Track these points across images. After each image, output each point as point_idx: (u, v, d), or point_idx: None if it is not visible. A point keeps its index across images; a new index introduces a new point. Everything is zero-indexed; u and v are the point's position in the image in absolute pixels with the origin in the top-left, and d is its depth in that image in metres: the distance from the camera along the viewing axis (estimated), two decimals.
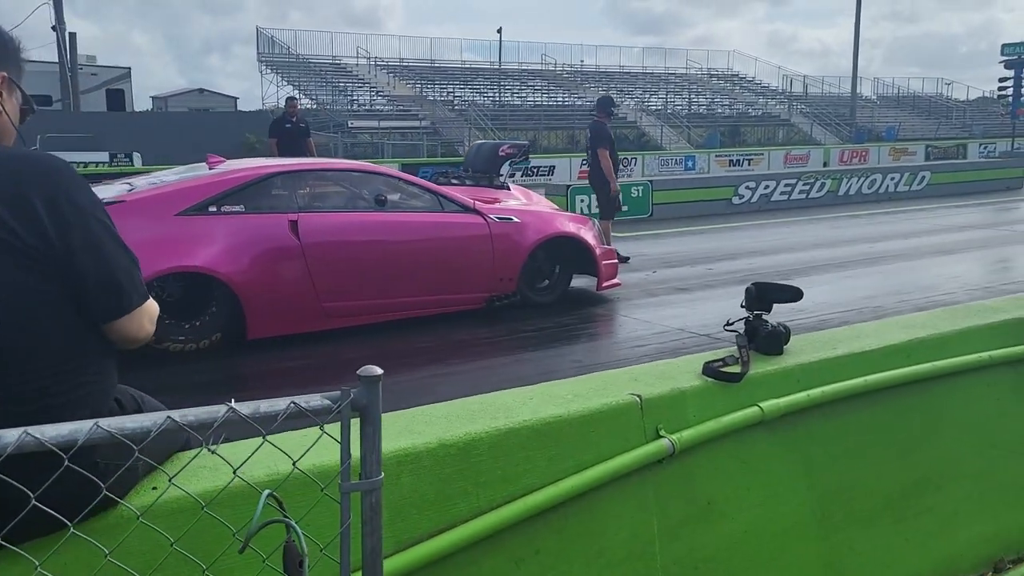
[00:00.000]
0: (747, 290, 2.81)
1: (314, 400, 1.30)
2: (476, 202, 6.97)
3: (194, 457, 1.73)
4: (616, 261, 7.85)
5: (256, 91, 74.24)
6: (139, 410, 1.76)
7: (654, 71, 46.93)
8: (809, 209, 16.00)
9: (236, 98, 47.91)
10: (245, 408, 1.24)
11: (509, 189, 8.78)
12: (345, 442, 1.34)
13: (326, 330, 6.12)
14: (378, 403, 1.35)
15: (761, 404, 2.57)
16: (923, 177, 18.57)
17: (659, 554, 2.37)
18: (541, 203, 8.36)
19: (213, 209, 5.76)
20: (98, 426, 1.14)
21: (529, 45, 57.30)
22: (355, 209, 6.41)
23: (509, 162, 9.58)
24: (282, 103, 14.10)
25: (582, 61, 45.76)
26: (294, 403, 1.26)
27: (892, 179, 18.13)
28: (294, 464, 1.43)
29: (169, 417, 1.18)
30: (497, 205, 7.32)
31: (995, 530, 3.12)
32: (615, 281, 7.63)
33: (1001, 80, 28.51)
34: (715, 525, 2.49)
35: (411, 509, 1.98)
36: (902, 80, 52.80)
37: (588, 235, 7.39)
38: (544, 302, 7.22)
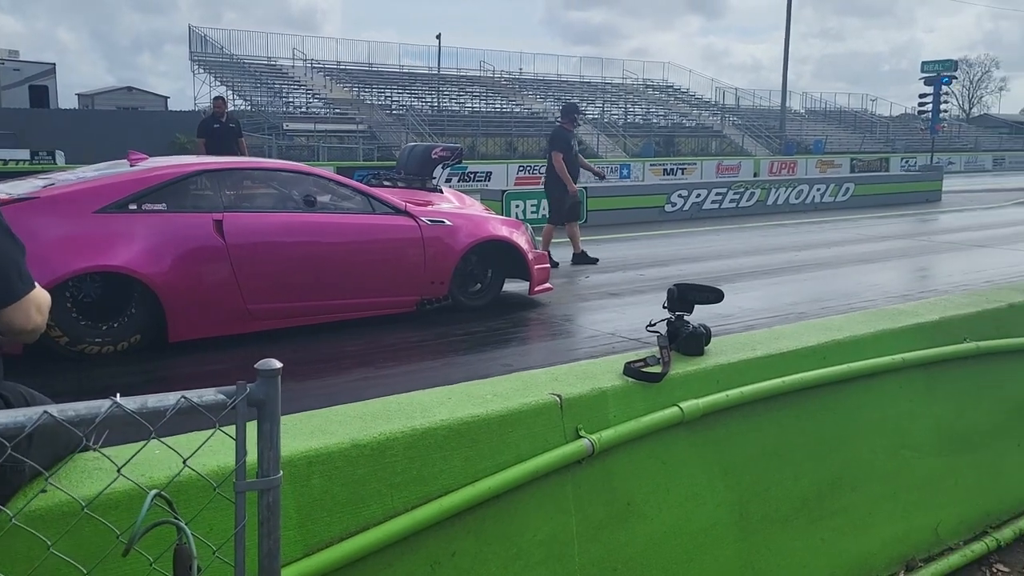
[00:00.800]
0: (669, 291, 2.82)
1: (207, 395, 1.24)
2: (408, 204, 6.90)
3: (71, 457, 1.64)
4: (548, 266, 7.86)
5: (189, 91, 72.63)
6: None
7: (591, 80, 47.40)
8: (739, 218, 16.33)
9: (167, 97, 47.04)
10: (131, 403, 1.17)
11: (442, 192, 8.71)
12: (241, 439, 1.28)
13: (251, 333, 5.98)
14: (277, 398, 1.29)
15: (681, 404, 2.58)
16: (847, 188, 19.14)
17: (578, 555, 2.35)
18: (474, 207, 8.31)
19: (134, 207, 5.58)
20: None
21: (468, 52, 57.53)
22: (283, 209, 6.27)
23: (442, 165, 9.51)
24: None
25: (520, 69, 46.00)
26: (185, 397, 1.20)
27: (818, 190, 18.64)
28: (184, 462, 1.37)
29: (46, 412, 1.11)
30: (429, 208, 7.25)
31: (907, 530, 3.20)
32: (547, 286, 7.64)
33: (921, 96, 29.51)
34: (634, 526, 2.48)
35: (322, 512, 1.93)
36: (829, 95, 54.63)
37: (521, 239, 7.37)
38: (476, 306, 7.19)
